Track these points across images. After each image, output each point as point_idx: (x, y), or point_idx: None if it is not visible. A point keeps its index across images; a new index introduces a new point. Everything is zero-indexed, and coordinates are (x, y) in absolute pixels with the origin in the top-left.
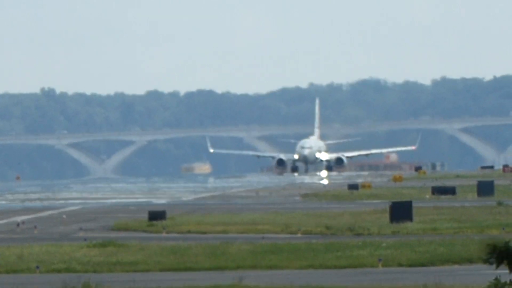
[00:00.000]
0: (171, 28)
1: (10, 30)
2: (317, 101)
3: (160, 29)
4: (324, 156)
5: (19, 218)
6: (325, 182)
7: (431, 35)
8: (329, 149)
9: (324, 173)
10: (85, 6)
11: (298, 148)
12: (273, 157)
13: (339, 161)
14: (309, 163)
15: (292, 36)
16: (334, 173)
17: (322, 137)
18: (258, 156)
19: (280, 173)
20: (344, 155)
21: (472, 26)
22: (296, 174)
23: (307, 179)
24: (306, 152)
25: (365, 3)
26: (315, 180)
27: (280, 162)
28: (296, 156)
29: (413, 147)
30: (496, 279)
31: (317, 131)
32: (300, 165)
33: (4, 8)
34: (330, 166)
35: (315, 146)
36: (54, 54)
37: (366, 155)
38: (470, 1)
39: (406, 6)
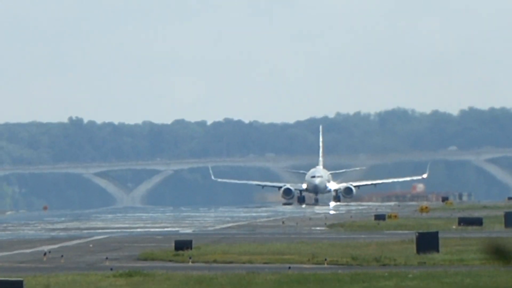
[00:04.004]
0: (197, 57)
1: (37, 60)
2: (320, 129)
3: (187, 58)
4: (333, 185)
5: (46, 248)
6: (333, 211)
7: (458, 65)
8: (334, 179)
9: (332, 203)
10: (113, 35)
11: (307, 177)
12: (279, 187)
13: (348, 190)
14: (319, 193)
15: (319, 65)
16: (342, 203)
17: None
18: (263, 186)
19: (287, 203)
20: (353, 184)
21: (500, 56)
22: (303, 205)
23: (322, 209)
24: (317, 181)
25: (393, 33)
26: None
27: (287, 192)
28: (304, 186)
29: (423, 176)
30: None
31: (321, 160)
32: (307, 195)
33: (32, 40)
34: (338, 196)
35: (324, 175)
36: (82, 83)
37: (374, 185)
38: (498, 31)
39: (433, 36)
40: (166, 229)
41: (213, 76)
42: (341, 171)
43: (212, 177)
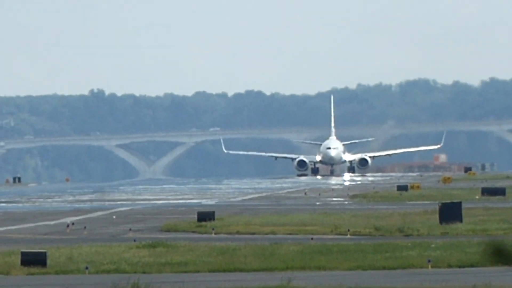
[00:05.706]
0: (219, 29)
1: (59, 32)
2: (331, 100)
3: (208, 29)
4: (348, 157)
5: (69, 219)
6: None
7: (480, 36)
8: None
9: (347, 175)
10: (133, 8)
11: (322, 149)
12: (293, 159)
13: (363, 162)
14: (335, 164)
15: (341, 36)
16: (357, 175)
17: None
18: (276, 158)
19: (302, 175)
20: (368, 155)
21: None
22: (318, 176)
23: (339, 180)
24: (333, 153)
25: (414, 3)
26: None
27: (302, 164)
28: (318, 158)
29: (438, 146)
30: None
31: (333, 130)
32: (321, 166)
33: (54, 11)
34: (352, 167)
35: (339, 146)
36: (103, 55)
37: (389, 155)
38: None
39: (455, 6)
40: (188, 201)
41: (234, 47)
42: (353, 142)
43: (224, 150)
